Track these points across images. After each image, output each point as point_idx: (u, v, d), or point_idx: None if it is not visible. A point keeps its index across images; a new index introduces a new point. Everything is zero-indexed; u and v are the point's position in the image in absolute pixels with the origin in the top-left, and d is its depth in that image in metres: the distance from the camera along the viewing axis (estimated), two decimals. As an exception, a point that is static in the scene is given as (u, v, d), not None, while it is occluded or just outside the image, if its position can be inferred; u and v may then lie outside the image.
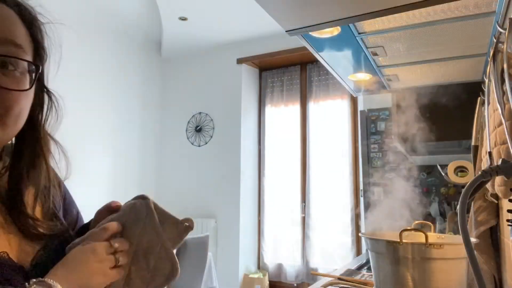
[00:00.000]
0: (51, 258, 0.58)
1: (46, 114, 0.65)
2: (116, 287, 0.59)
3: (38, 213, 0.63)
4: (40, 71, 0.59)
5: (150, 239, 0.62)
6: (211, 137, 4.54)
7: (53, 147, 0.66)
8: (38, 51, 0.62)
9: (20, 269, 0.56)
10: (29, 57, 0.59)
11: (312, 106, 4.27)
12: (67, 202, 0.72)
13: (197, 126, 4.64)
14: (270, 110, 4.52)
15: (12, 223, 0.59)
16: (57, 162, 0.67)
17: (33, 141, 0.62)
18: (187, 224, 0.64)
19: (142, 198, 0.64)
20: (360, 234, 1.07)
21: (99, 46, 4.15)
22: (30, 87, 0.58)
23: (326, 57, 1.39)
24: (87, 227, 0.69)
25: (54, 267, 0.55)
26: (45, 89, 0.65)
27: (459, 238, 0.68)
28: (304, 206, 4.13)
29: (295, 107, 4.36)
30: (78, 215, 0.75)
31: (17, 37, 0.56)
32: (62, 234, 0.64)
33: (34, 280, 0.51)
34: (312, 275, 3.86)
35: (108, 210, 0.67)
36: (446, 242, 0.96)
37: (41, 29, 0.63)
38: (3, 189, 0.61)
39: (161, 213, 0.64)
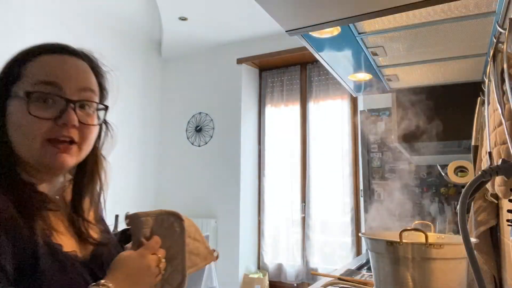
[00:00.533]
0: (102, 257, 0.75)
1: (102, 140, 0.81)
2: None
3: (91, 219, 0.79)
4: (107, 110, 0.77)
5: (175, 252, 0.74)
6: (211, 137, 4.53)
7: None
8: (102, 93, 0.80)
9: (86, 265, 0.71)
10: (97, 99, 0.76)
11: (312, 106, 4.27)
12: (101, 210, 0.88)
13: (197, 126, 4.64)
14: (270, 110, 4.52)
15: (72, 226, 0.74)
16: None
17: (92, 162, 0.79)
18: (216, 255, 0.80)
19: (179, 217, 0.75)
20: (360, 234, 1.07)
21: (99, 46, 4.14)
22: (100, 123, 0.77)
23: (326, 57, 1.39)
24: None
25: (112, 269, 0.68)
26: (103, 121, 0.81)
27: (459, 238, 0.68)
28: (304, 206, 4.13)
29: (295, 107, 4.36)
30: None
31: (91, 84, 0.75)
32: (108, 237, 0.80)
33: (103, 281, 0.65)
34: (312, 275, 3.86)
35: None
36: (446, 242, 0.96)
37: (103, 75, 0.82)
38: (67, 198, 0.77)
39: (199, 234, 0.79)
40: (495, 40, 0.94)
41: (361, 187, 2.99)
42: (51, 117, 0.66)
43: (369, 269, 2.02)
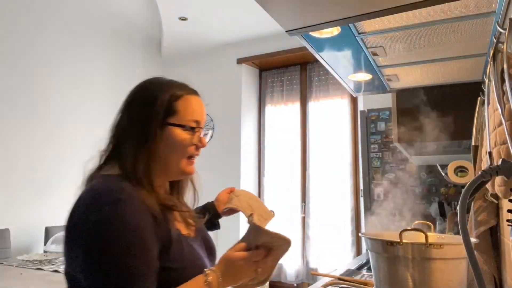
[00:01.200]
0: (202, 239, 1.03)
1: None
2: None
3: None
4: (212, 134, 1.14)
5: (271, 261, 0.88)
6: (211, 137, 4.53)
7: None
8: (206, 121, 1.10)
9: (194, 243, 0.95)
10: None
11: (312, 106, 4.26)
12: None
13: (197, 126, 4.64)
14: (270, 110, 4.52)
15: (180, 216, 0.99)
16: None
17: None
18: (272, 213, 1.07)
19: (289, 244, 0.87)
20: (360, 234, 1.08)
21: (100, 46, 4.15)
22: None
23: (326, 57, 1.39)
24: (210, 205, 1.25)
25: (222, 259, 0.87)
26: None
27: (459, 238, 0.68)
28: (304, 206, 4.13)
29: (295, 107, 4.36)
30: None
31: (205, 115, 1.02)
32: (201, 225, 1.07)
33: (214, 268, 0.85)
34: (312, 275, 3.86)
35: (228, 192, 1.23)
36: (446, 242, 0.96)
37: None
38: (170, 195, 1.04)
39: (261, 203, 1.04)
40: (495, 40, 0.94)
41: (361, 187, 2.99)
42: (195, 143, 0.96)
43: (369, 269, 2.02)
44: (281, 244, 0.86)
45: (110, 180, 0.86)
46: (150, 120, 0.91)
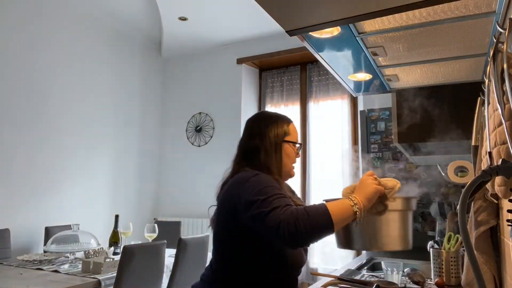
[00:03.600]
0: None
1: None
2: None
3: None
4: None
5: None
6: (211, 137, 4.53)
7: None
8: None
9: None
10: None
11: (312, 106, 4.26)
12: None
13: (197, 126, 4.64)
14: (270, 110, 4.51)
15: None
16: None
17: None
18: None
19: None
20: (323, 200, 1.20)
21: (100, 47, 4.15)
22: None
23: (326, 57, 1.39)
24: None
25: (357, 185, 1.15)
26: None
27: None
28: (304, 206, 4.12)
29: (295, 107, 4.36)
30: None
31: None
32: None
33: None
34: (312, 275, 3.85)
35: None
36: (399, 196, 1.18)
37: None
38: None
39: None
40: (495, 40, 0.94)
41: (361, 187, 2.97)
42: (297, 155, 1.34)
43: (369, 269, 2.02)
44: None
45: (250, 170, 1.23)
46: (278, 138, 1.31)
